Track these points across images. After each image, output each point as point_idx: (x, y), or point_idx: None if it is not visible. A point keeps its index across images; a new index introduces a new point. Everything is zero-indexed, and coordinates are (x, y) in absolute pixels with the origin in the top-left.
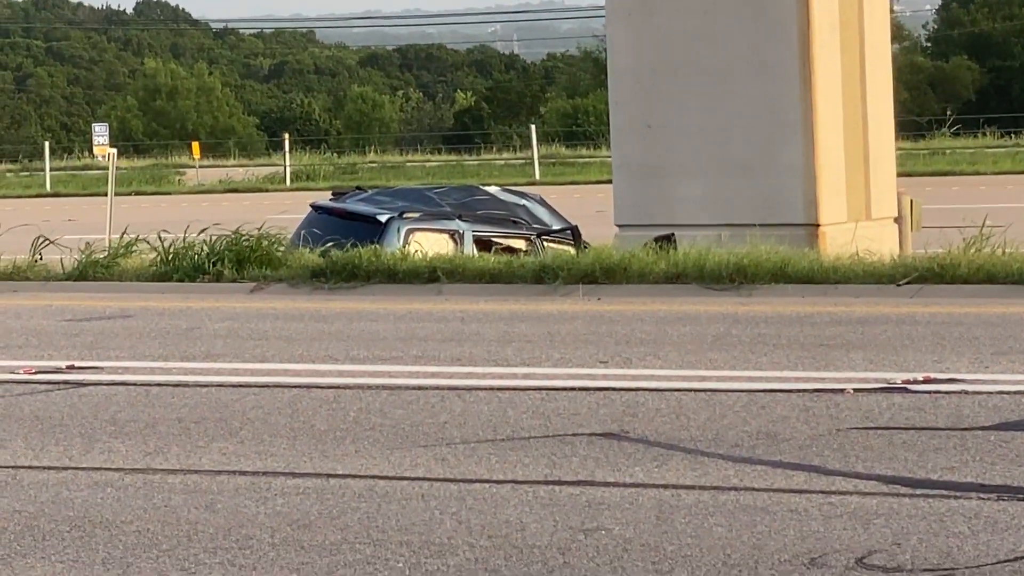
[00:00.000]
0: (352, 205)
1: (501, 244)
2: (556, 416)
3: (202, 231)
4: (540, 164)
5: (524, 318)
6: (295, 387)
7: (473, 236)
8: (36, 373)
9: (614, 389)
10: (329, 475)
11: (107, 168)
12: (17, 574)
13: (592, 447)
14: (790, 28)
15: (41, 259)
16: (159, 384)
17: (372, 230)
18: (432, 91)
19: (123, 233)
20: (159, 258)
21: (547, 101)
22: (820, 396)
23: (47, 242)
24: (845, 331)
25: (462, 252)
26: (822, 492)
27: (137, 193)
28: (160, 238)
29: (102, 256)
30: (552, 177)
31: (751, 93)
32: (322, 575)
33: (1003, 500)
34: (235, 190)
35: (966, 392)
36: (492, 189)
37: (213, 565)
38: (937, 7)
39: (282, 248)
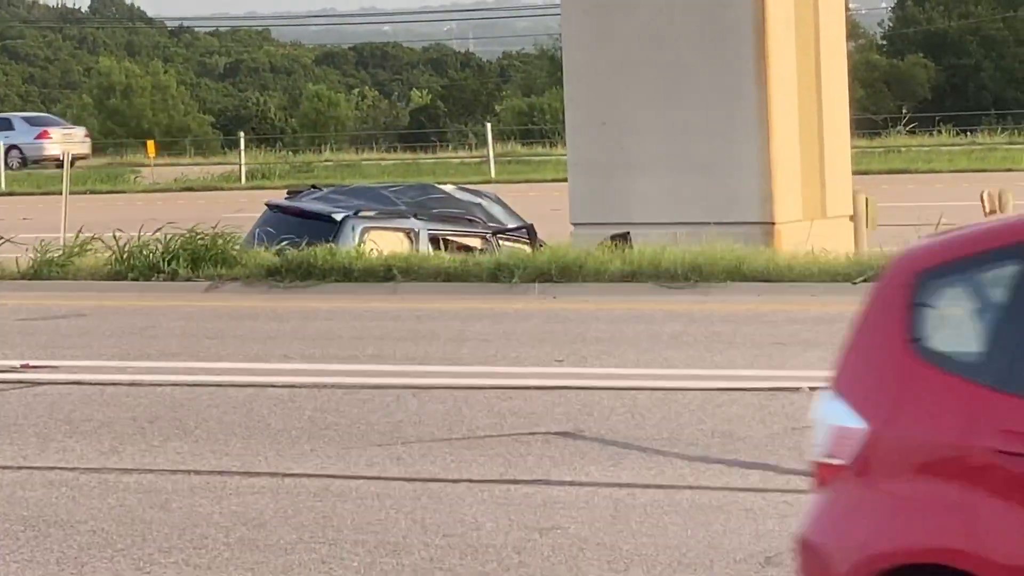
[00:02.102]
0: (307, 204)
1: (457, 243)
2: (512, 415)
3: (157, 230)
4: (496, 162)
5: (480, 317)
6: (250, 386)
7: (429, 235)
8: None
9: (570, 388)
10: (284, 474)
11: (62, 166)
12: None
13: (548, 446)
14: (746, 26)
15: None
16: (114, 383)
17: (327, 229)
18: (388, 89)
19: (78, 232)
20: (114, 257)
21: (503, 99)
22: (776, 395)
23: (2, 240)
24: (801, 329)
25: (418, 251)
26: (778, 491)
27: (92, 192)
28: (115, 237)
29: (57, 255)
30: (508, 175)
31: (707, 91)
32: (277, 574)
33: None
34: (190, 189)
35: None
36: (448, 188)
37: (168, 564)
38: (892, 5)
39: (237, 247)
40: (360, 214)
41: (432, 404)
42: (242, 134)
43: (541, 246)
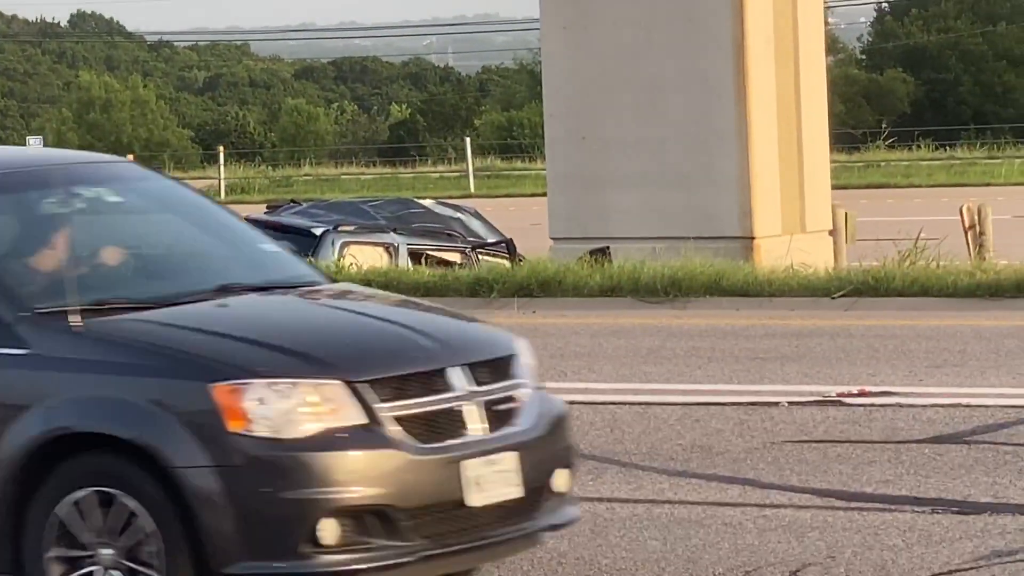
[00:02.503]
0: (287, 218)
1: (436, 257)
2: None
3: None
4: (475, 177)
5: None
6: None
7: (408, 249)
8: None
9: None
10: None
11: None
12: None
13: None
14: (725, 41)
15: None
16: None
17: (307, 243)
18: (367, 104)
19: None
20: None
21: (482, 114)
22: (755, 409)
23: None
24: (780, 344)
25: (397, 265)
26: (757, 505)
27: None
28: None
29: None
30: (487, 190)
31: (686, 105)
32: None
33: (937, 513)
34: None
35: (900, 405)
36: (427, 202)
37: None
38: (871, 20)
39: None
40: (339, 229)
41: None
42: (221, 148)
43: (520, 261)
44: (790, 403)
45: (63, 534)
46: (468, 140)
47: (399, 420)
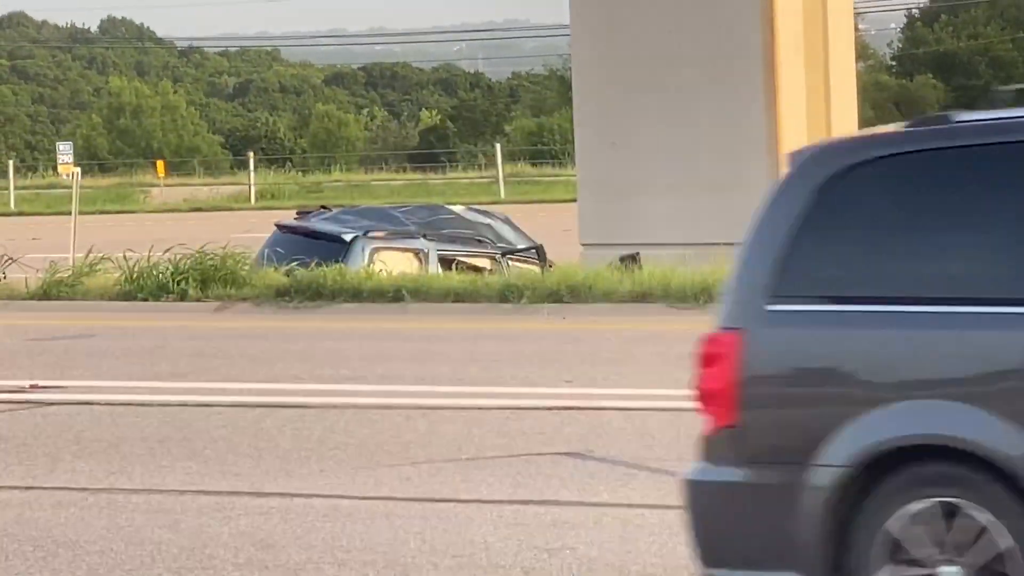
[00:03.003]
0: (317, 224)
1: (466, 263)
2: (521, 435)
3: (167, 250)
4: (505, 183)
5: (489, 337)
6: (260, 406)
7: (438, 255)
8: None
9: (579, 408)
10: (293, 495)
11: (71, 187)
12: None
13: (557, 466)
14: (755, 47)
15: (4, 278)
16: (123, 403)
17: (337, 249)
18: (397, 109)
19: (87, 252)
20: (123, 277)
21: (512, 120)
22: None
23: (11, 261)
24: None
25: (427, 271)
26: None
27: (101, 212)
28: (125, 257)
29: (66, 275)
30: (517, 196)
31: (716, 111)
32: None
33: None
34: (200, 209)
35: None
36: (457, 208)
37: None
38: (902, 26)
39: (247, 267)
40: (370, 234)
41: (441, 424)
42: (251, 154)
43: (551, 266)
44: None
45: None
46: (498, 146)
47: None
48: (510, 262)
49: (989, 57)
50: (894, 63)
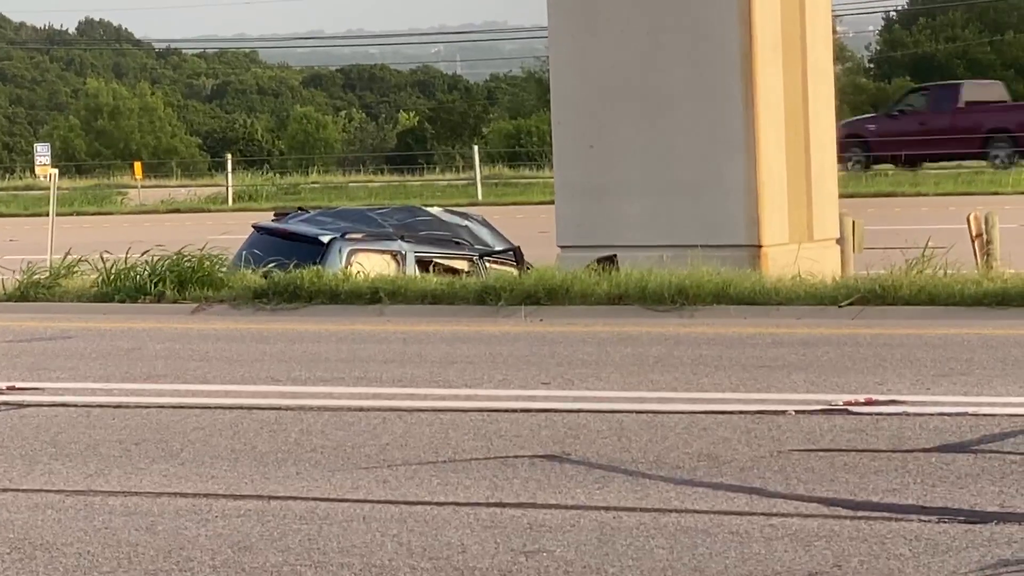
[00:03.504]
0: (294, 226)
1: (444, 265)
2: (498, 438)
3: (144, 252)
4: (483, 185)
5: (466, 339)
6: (236, 408)
7: (415, 257)
8: None
9: (556, 411)
10: (270, 497)
11: (49, 188)
12: None
13: (534, 469)
14: (732, 48)
15: None
16: (100, 405)
17: (314, 251)
18: (375, 111)
19: (65, 254)
20: (101, 279)
21: (490, 122)
22: (762, 418)
23: None
24: (787, 352)
25: (404, 273)
26: (764, 514)
27: (78, 213)
28: (102, 259)
29: (43, 277)
30: (495, 198)
31: (694, 113)
32: None
33: (944, 522)
34: (177, 210)
35: (907, 414)
36: (435, 210)
37: None
38: (880, 28)
39: (224, 269)
40: (347, 236)
41: (418, 427)
42: (229, 156)
43: (528, 269)
44: (797, 412)
45: None
46: (476, 148)
47: None
48: (488, 264)
49: (967, 60)
50: (872, 65)
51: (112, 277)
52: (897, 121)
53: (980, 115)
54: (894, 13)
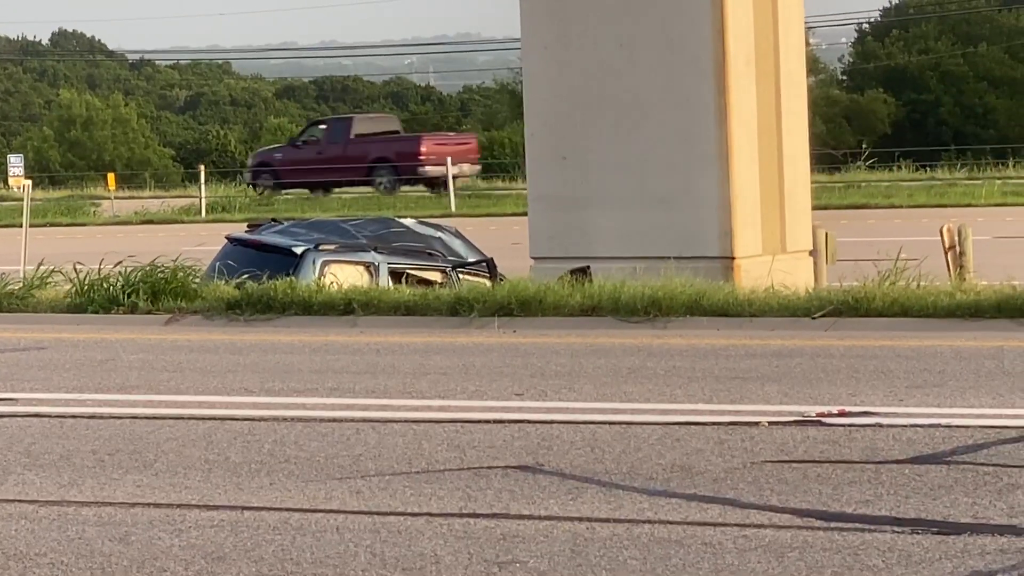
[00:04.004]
0: (268, 237)
1: (417, 276)
2: (471, 448)
3: (117, 263)
4: (456, 196)
5: (439, 350)
6: (210, 419)
7: (388, 268)
8: None
9: (529, 422)
10: (244, 508)
11: (22, 199)
12: None
13: (507, 480)
14: (706, 60)
15: None
16: (73, 416)
17: (287, 262)
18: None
19: (38, 265)
20: (74, 290)
21: (463, 133)
22: (735, 429)
23: None
24: (760, 364)
25: (377, 284)
26: (737, 525)
27: (52, 224)
28: (75, 270)
29: (17, 288)
30: (468, 209)
31: (667, 125)
32: None
33: (917, 534)
34: (151, 222)
35: (880, 425)
36: (408, 221)
37: None
38: (853, 40)
39: (197, 280)
40: (320, 247)
41: (391, 437)
42: (202, 167)
43: (501, 280)
44: (770, 423)
45: None
46: (449, 160)
47: None
48: (460, 275)
49: (940, 72)
50: (845, 77)
51: (85, 288)
52: (300, 151)
53: (367, 145)
54: (867, 25)
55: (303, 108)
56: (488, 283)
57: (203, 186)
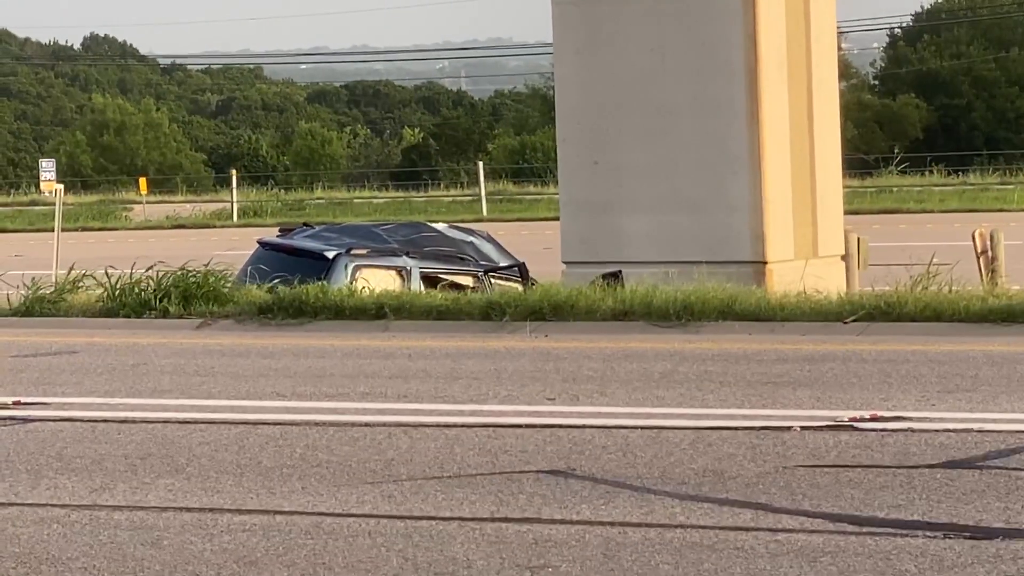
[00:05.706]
0: (299, 241)
1: (448, 281)
2: (503, 453)
3: (149, 267)
4: (488, 201)
5: (471, 355)
6: (242, 423)
7: (420, 273)
8: None
9: (561, 426)
10: (275, 512)
11: (54, 204)
12: None
13: (539, 484)
14: (738, 65)
15: None
16: (105, 420)
17: (319, 266)
18: (380, 127)
19: (70, 269)
20: (106, 294)
21: (495, 138)
22: (767, 434)
23: None
24: (792, 368)
25: (409, 289)
26: (769, 530)
27: (84, 229)
28: (107, 274)
29: (49, 292)
30: (500, 214)
31: (699, 130)
32: None
33: (949, 538)
34: (182, 226)
35: (912, 430)
36: (440, 226)
37: None
38: (884, 45)
39: (229, 284)
40: (352, 252)
41: (423, 442)
42: (234, 172)
43: (533, 285)
44: (802, 428)
45: None
46: (481, 164)
47: None
48: (492, 280)
49: (972, 77)
50: (877, 82)
51: (117, 292)
52: None
53: None
54: (899, 30)
55: (334, 113)
56: (520, 287)
57: (235, 190)
